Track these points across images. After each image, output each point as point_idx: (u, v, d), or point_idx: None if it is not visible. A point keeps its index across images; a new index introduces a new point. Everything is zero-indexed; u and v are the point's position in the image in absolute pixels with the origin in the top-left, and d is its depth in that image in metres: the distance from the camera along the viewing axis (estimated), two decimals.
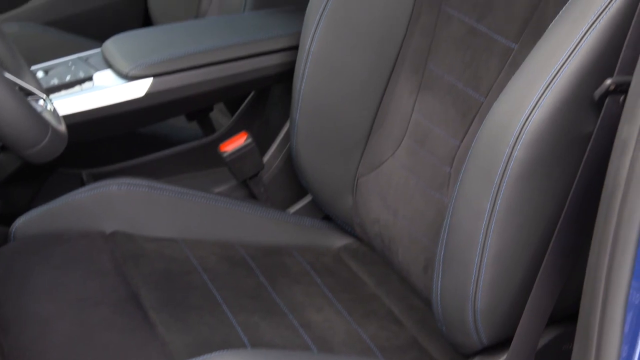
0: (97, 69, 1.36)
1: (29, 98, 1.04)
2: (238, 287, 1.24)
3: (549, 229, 0.98)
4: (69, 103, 1.30)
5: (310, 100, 1.31)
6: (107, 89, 1.33)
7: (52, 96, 1.31)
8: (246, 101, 1.57)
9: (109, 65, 1.37)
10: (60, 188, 1.34)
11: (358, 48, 1.28)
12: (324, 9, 1.27)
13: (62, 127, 1.04)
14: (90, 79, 1.35)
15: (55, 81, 1.33)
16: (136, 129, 1.56)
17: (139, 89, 1.34)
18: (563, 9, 0.96)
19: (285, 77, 1.41)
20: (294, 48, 1.36)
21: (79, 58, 1.40)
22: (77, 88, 1.34)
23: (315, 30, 1.28)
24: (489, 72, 1.14)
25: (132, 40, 1.43)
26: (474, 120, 1.16)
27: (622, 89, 0.88)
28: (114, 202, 1.29)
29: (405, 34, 1.28)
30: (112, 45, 1.40)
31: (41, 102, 1.06)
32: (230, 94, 1.52)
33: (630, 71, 0.83)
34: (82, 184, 1.48)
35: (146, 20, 2.04)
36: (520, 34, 1.10)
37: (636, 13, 0.88)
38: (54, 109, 1.07)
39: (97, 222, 1.28)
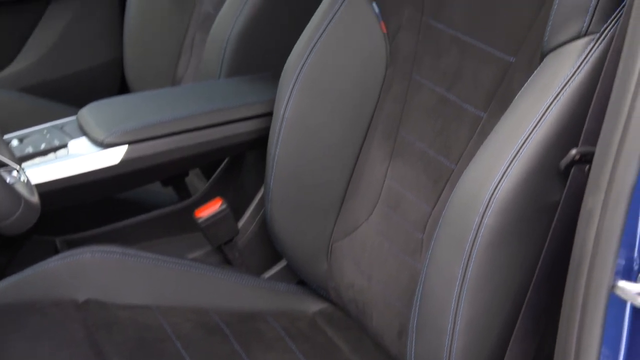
0: (72, 137, 1.37)
1: (2, 170, 1.04)
2: (212, 354, 1.24)
3: (520, 295, 0.99)
4: (43, 172, 1.30)
5: (285, 166, 1.33)
6: (81, 156, 1.34)
7: (26, 164, 1.31)
8: (221, 166, 1.58)
9: (84, 133, 1.38)
10: (33, 255, 1.34)
11: (331, 114, 1.30)
12: (297, 76, 1.30)
13: (35, 199, 1.04)
14: (65, 146, 1.36)
15: (30, 149, 1.33)
16: (111, 195, 1.56)
17: (114, 156, 1.35)
18: (528, 80, 0.99)
19: (259, 143, 1.43)
20: (269, 114, 1.38)
21: (54, 126, 1.41)
22: (51, 156, 1.34)
23: (289, 97, 1.30)
24: (459, 140, 1.16)
25: (108, 108, 1.44)
26: (445, 187, 1.18)
27: (587, 159, 0.90)
28: (87, 270, 1.28)
29: (378, 101, 1.30)
30: (88, 113, 1.41)
31: (14, 173, 1.06)
32: (205, 161, 1.53)
33: (594, 142, 0.85)
34: (56, 251, 1.47)
35: (123, 86, 2.05)
36: (489, 104, 1.12)
37: (598, 85, 0.91)
38: (27, 180, 1.07)
39: (70, 290, 1.27)
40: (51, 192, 1.29)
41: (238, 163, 1.57)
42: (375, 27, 1.28)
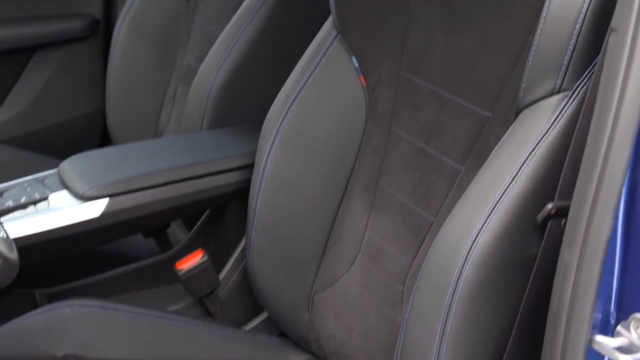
0: (53, 190, 1.37)
1: None
2: None
3: (500, 347, 0.99)
4: (23, 225, 1.30)
5: (266, 218, 1.33)
6: (62, 210, 1.34)
7: (5, 218, 1.31)
8: (202, 218, 1.59)
9: (65, 186, 1.38)
10: (13, 309, 1.32)
11: (312, 166, 1.32)
12: (278, 128, 1.31)
13: (14, 255, 1.03)
14: (45, 199, 1.36)
15: (10, 203, 1.33)
16: (92, 248, 1.55)
17: (95, 209, 1.35)
18: (504, 135, 1.01)
19: (241, 194, 1.43)
20: (250, 166, 1.39)
21: (35, 179, 1.41)
22: (31, 209, 1.34)
23: (270, 150, 1.31)
24: (438, 193, 1.17)
25: (89, 160, 1.44)
26: (424, 240, 1.19)
27: (562, 212, 0.91)
28: (67, 325, 1.27)
29: (358, 153, 1.31)
30: (69, 166, 1.41)
31: None
32: (187, 212, 1.54)
33: (570, 196, 0.86)
34: (35, 304, 1.46)
35: (105, 136, 2.06)
36: (466, 157, 1.14)
37: (572, 141, 0.93)
38: (6, 236, 1.06)
39: (49, 345, 1.26)
40: (31, 245, 1.29)
41: (219, 214, 1.57)
42: (354, 81, 1.30)
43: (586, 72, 0.94)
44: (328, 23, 1.33)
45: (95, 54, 2.04)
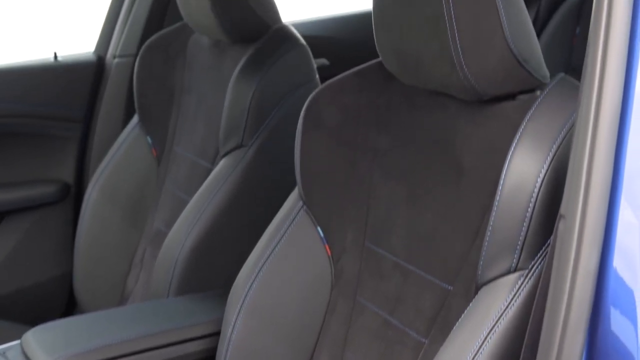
0: None
1: None
2: None
3: None
4: None
5: None
6: None
7: None
8: None
9: (27, 358, 1.36)
10: None
11: (277, 337, 1.31)
12: (244, 298, 1.32)
13: None
14: None
15: None
16: None
17: None
18: (465, 311, 1.03)
19: None
20: (216, 334, 1.38)
21: None
22: None
23: (236, 319, 1.32)
24: None
25: (53, 331, 1.43)
26: None
27: None
28: None
29: (323, 323, 1.32)
30: (32, 337, 1.40)
31: None
32: None
33: None
34: None
35: (70, 300, 2.04)
36: (430, 330, 1.15)
37: (530, 318, 0.94)
38: None
39: None
40: None
41: None
42: (320, 250, 1.33)
43: (541, 252, 0.98)
44: (295, 193, 1.37)
45: (65, 218, 2.06)
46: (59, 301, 2.03)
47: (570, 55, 2.45)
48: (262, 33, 1.72)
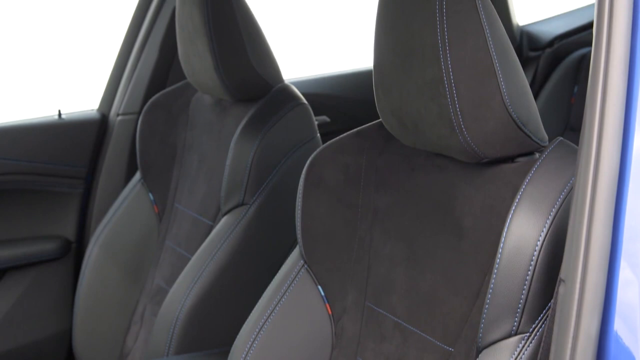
0: None
1: None
2: None
3: None
4: None
5: None
6: None
7: None
8: None
9: None
10: None
11: None
12: (245, 357, 1.31)
13: None
14: None
15: None
16: None
17: None
18: None
19: None
20: None
21: None
22: None
23: None
24: None
25: None
26: None
27: None
28: None
29: None
30: None
31: None
32: None
33: None
34: None
35: (69, 356, 2.03)
36: None
37: None
38: None
39: None
40: None
41: None
42: (321, 309, 1.32)
43: (541, 315, 0.98)
44: (295, 252, 1.37)
45: (65, 275, 2.06)
46: (58, 358, 2.02)
47: (569, 114, 2.48)
48: (264, 92, 1.74)
